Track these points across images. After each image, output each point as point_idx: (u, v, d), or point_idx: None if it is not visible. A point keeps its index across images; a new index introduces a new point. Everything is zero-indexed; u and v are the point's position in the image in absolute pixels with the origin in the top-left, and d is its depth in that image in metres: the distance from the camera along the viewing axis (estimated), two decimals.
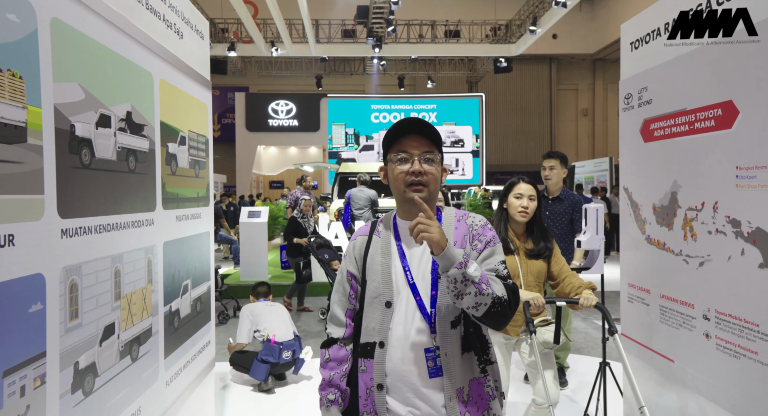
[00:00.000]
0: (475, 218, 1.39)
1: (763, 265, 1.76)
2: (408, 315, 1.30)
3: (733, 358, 1.90)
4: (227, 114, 22.31)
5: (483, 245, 1.34)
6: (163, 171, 1.93)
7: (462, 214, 1.41)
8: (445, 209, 1.44)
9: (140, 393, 1.68)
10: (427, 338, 1.28)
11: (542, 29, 14.19)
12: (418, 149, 1.31)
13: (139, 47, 1.71)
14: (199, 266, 2.37)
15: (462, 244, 1.34)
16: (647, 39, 2.49)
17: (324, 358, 1.39)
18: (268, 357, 3.58)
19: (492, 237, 1.36)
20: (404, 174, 1.30)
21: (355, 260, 1.41)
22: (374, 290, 1.33)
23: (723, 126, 1.94)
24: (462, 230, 1.36)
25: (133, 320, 1.64)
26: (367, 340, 1.33)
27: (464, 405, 1.27)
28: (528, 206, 2.33)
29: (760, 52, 1.73)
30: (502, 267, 1.32)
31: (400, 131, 1.33)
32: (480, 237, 1.35)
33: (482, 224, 1.38)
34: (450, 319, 1.29)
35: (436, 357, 1.27)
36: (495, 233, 1.37)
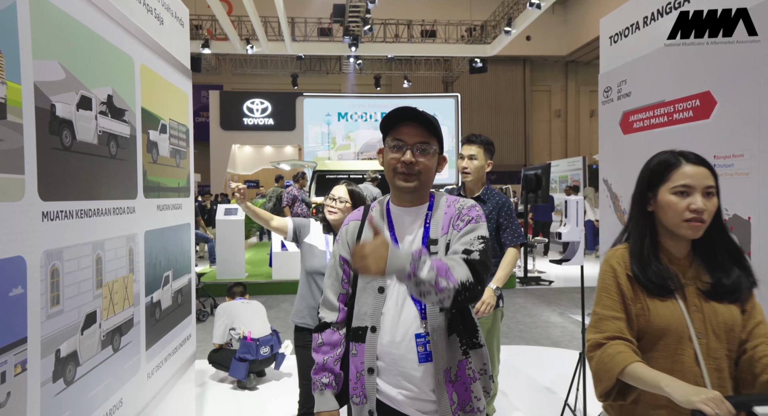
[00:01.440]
0: (465, 202, 1.40)
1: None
2: (399, 301, 1.31)
3: None
4: (201, 112, 21.88)
5: (464, 224, 1.34)
6: (145, 159, 1.88)
7: (454, 199, 1.41)
8: (437, 195, 1.44)
9: (122, 384, 1.63)
10: (418, 323, 1.29)
11: (517, 30, 14.40)
12: (412, 139, 1.31)
13: (119, 30, 1.66)
14: (180, 258, 2.31)
15: (446, 228, 1.35)
16: (626, 33, 2.55)
17: (317, 342, 1.39)
18: (246, 354, 3.53)
19: (476, 216, 1.35)
20: (395, 162, 1.31)
21: (347, 244, 1.40)
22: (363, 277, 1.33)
23: (701, 116, 2.00)
24: (450, 213, 1.37)
25: (114, 309, 1.58)
26: (359, 324, 1.33)
27: (451, 384, 1.29)
28: (704, 209, 1.22)
29: (745, 37, 1.79)
30: (477, 242, 1.28)
31: (400, 117, 1.32)
32: (463, 217, 1.35)
33: (469, 206, 1.38)
34: None
35: (426, 343, 1.28)
36: (482, 214, 1.37)
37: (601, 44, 2.76)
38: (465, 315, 1.35)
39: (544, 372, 3.92)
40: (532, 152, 24.48)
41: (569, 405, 3.02)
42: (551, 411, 3.22)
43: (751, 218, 1.77)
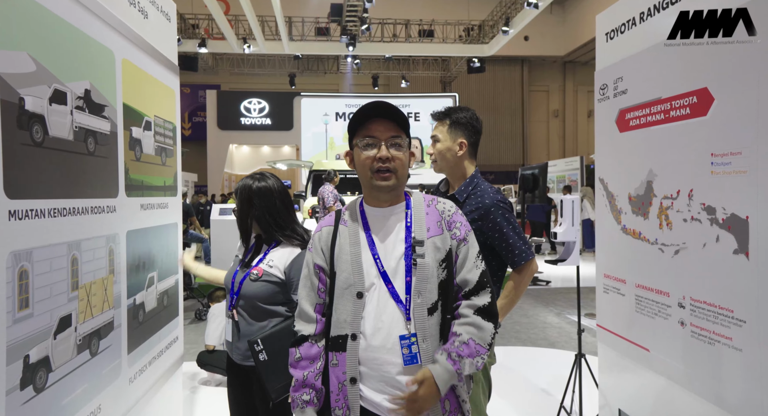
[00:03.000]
0: (445, 204, 1.38)
1: (737, 251, 1.77)
2: (380, 305, 1.26)
3: (708, 345, 1.91)
4: (198, 112, 21.83)
5: (462, 234, 1.33)
6: (127, 156, 1.83)
7: (431, 199, 1.38)
8: (414, 194, 1.40)
9: (100, 389, 1.58)
10: (402, 325, 1.25)
11: (514, 30, 14.37)
12: (384, 134, 1.27)
13: (98, 22, 1.61)
14: (166, 258, 2.26)
15: (436, 230, 1.31)
16: (622, 29, 2.50)
17: (294, 357, 1.32)
18: None
19: (465, 224, 1.36)
20: (371, 160, 1.27)
21: (321, 251, 1.35)
22: (344, 281, 1.28)
23: (698, 113, 1.95)
24: (433, 216, 1.34)
25: (92, 312, 1.53)
26: (339, 333, 1.28)
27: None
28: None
29: (740, 31, 1.74)
30: (481, 265, 1.32)
31: (366, 115, 1.28)
32: (456, 225, 1.34)
33: (454, 211, 1.37)
34: (427, 306, 1.27)
35: (411, 344, 1.24)
36: (464, 218, 1.37)
37: (597, 41, 2.71)
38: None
39: (540, 373, 3.88)
40: (530, 152, 24.47)
41: (564, 408, 2.97)
42: (546, 412, 3.17)
43: (749, 217, 1.71)
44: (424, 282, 1.26)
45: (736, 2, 1.67)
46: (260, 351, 1.62)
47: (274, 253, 1.81)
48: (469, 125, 1.92)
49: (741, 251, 1.76)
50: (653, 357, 2.26)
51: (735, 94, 1.77)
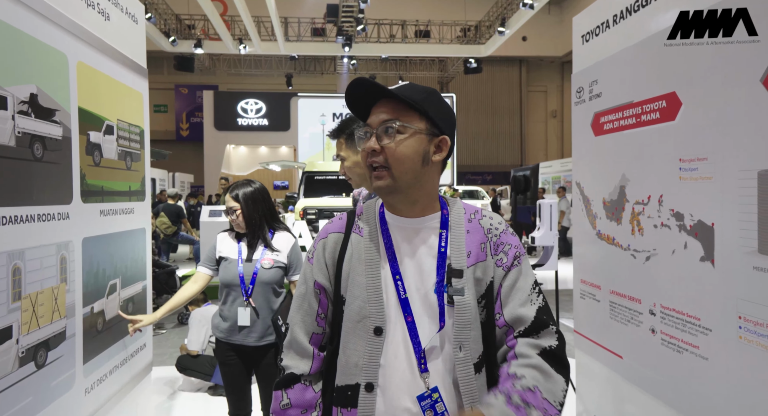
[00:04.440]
0: (493, 219, 1.06)
1: (704, 258, 1.74)
2: (401, 346, 0.97)
3: (677, 353, 1.88)
4: (195, 113, 21.82)
5: (510, 260, 1.02)
6: (83, 161, 1.79)
7: (473, 211, 1.08)
8: (454, 204, 1.08)
9: (48, 402, 1.54)
10: (417, 379, 0.95)
11: (510, 31, 14.34)
12: (376, 119, 1.00)
13: (48, 25, 1.58)
14: (132, 264, 2.22)
15: (479, 255, 1.01)
16: (597, 31, 2.46)
17: (281, 403, 1.00)
18: None
19: (517, 247, 1.04)
20: (364, 154, 1.01)
21: (326, 266, 1.05)
22: (357, 311, 0.98)
23: (667, 118, 1.92)
24: (477, 235, 1.03)
25: (39, 322, 1.49)
26: (347, 382, 0.97)
27: None
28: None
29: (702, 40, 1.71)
30: (538, 300, 1.01)
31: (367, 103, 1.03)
32: (504, 248, 1.03)
33: (504, 229, 1.06)
34: (473, 360, 0.97)
35: (434, 404, 0.94)
36: (517, 240, 1.07)
37: (574, 43, 2.67)
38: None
39: None
40: (528, 152, 24.44)
41: None
42: None
43: (714, 224, 1.68)
44: (466, 328, 0.97)
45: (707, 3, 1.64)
46: (281, 325, 2.03)
47: (276, 242, 2.25)
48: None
49: (707, 259, 1.72)
50: (627, 365, 2.22)
51: (702, 99, 1.74)
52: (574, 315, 2.70)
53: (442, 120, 1.03)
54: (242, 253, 2.23)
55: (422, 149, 0.99)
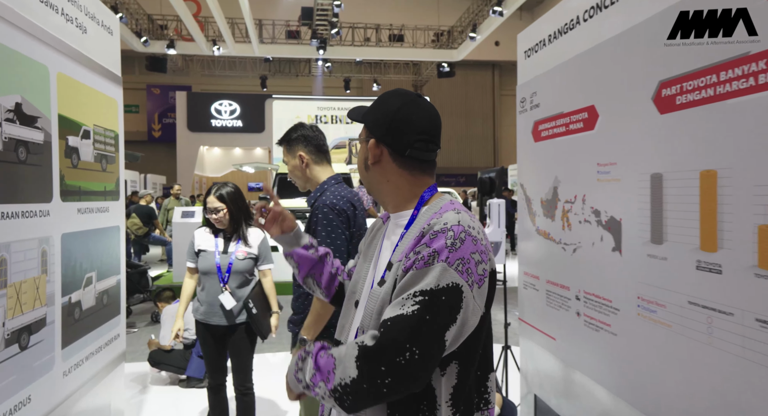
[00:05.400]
0: (441, 218, 0.98)
1: (614, 248, 2.01)
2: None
3: (595, 332, 2.15)
4: (168, 113, 21.61)
5: (411, 262, 0.95)
6: (62, 164, 1.96)
7: (443, 211, 1.02)
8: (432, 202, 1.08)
9: (30, 381, 1.71)
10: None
11: (482, 36, 14.73)
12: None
13: (31, 40, 1.74)
14: (107, 259, 2.38)
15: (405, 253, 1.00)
16: (536, 48, 2.73)
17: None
18: None
19: (431, 254, 0.93)
20: None
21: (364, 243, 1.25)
22: (353, 284, 1.18)
23: (588, 128, 2.19)
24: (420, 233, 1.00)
25: (22, 309, 1.66)
26: (337, 337, 1.16)
27: None
28: None
29: (616, 59, 1.98)
30: (410, 308, 0.89)
31: None
32: (420, 248, 0.96)
33: (438, 229, 0.96)
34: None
35: None
36: (447, 246, 0.93)
37: (518, 58, 2.94)
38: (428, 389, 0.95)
39: None
40: (501, 155, 24.95)
41: None
42: None
43: (622, 219, 1.95)
44: (368, 316, 1.01)
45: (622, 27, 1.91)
46: (252, 308, 2.48)
47: (250, 237, 2.60)
48: (301, 138, 2.02)
49: (616, 249, 1.99)
50: (559, 345, 2.49)
51: (615, 112, 2.01)
52: (519, 304, 2.97)
53: (376, 125, 1.09)
54: (219, 246, 2.56)
55: (363, 156, 1.12)
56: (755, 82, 1.36)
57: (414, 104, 1.09)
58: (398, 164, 1.08)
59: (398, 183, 1.09)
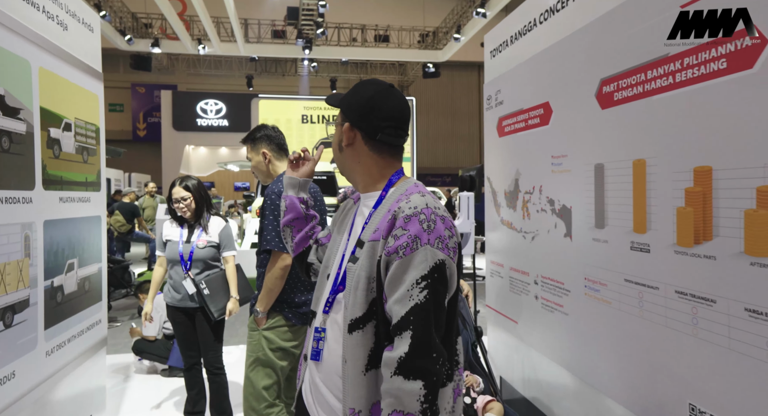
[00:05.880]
0: (409, 202, 1.06)
1: (566, 234, 2.17)
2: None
3: (550, 313, 2.30)
4: (153, 112, 21.49)
5: (394, 248, 1.02)
6: (44, 154, 2.06)
7: (408, 194, 1.11)
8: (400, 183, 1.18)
9: (15, 357, 1.81)
10: (321, 316, 1.18)
11: (466, 37, 14.92)
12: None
13: (13, 36, 1.84)
14: (88, 248, 2.48)
15: (379, 234, 1.07)
16: (501, 49, 2.89)
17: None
18: None
19: (411, 238, 1.01)
20: None
21: (335, 220, 1.36)
22: (326, 259, 1.27)
23: (544, 123, 2.35)
24: (389, 214, 1.08)
25: (6, 289, 1.76)
26: (313, 308, 1.26)
27: None
28: None
29: (566, 59, 2.14)
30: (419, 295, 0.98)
31: None
32: (396, 233, 1.03)
33: (409, 213, 1.04)
34: (348, 320, 1.07)
35: (319, 339, 1.16)
36: (424, 229, 1.02)
37: (485, 58, 3.10)
38: None
39: None
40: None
41: None
42: None
43: (572, 207, 2.11)
44: (348, 292, 1.09)
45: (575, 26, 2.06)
46: (204, 288, 2.66)
47: (211, 227, 2.78)
48: (264, 137, 2.23)
49: (568, 235, 2.15)
50: (520, 328, 2.65)
51: (566, 108, 2.17)
52: (486, 291, 3.12)
53: (351, 110, 1.17)
54: (183, 236, 2.76)
55: (338, 138, 1.20)
56: (673, 80, 1.52)
57: (387, 93, 1.17)
58: (369, 147, 1.17)
59: (369, 165, 1.18)
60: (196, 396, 2.79)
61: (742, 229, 1.34)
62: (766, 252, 1.27)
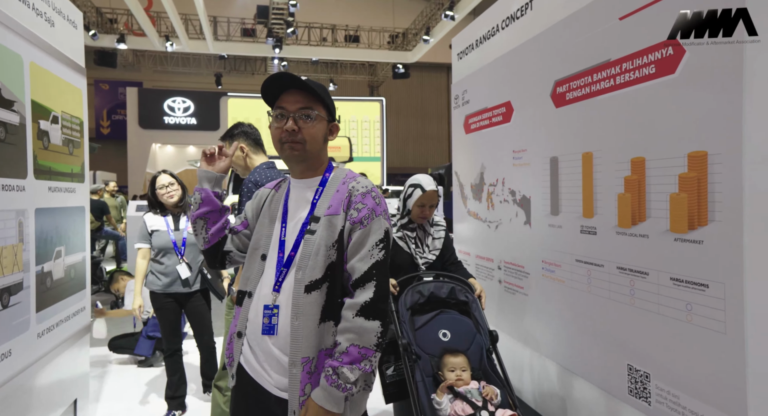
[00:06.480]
0: (359, 183, 1.29)
1: (526, 222, 2.40)
2: (273, 270, 1.30)
3: (511, 295, 2.53)
4: (118, 110, 20.99)
5: (359, 218, 1.24)
6: (35, 145, 2.14)
7: (351, 177, 1.32)
8: (337, 169, 1.38)
9: (10, 337, 1.90)
10: (270, 294, 1.27)
11: (435, 39, 15.23)
12: (293, 106, 1.26)
13: (6, 31, 1.93)
14: (73, 236, 2.56)
15: (336, 209, 1.25)
16: (467, 51, 3.11)
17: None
18: (155, 332, 3.78)
19: (371, 209, 1.25)
20: (279, 131, 1.27)
21: (252, 208, 1.45)
22: (255, 241, 1.35)
23: (506, 120, 2.57)
24: (342, 193, 1.28)
25: (3, 271, 1.85)
26: (242, 288, 1.34)
27: (309, 375, 1.20)
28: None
29: (525, 62, 2.36)
30: (378, 254, 1.23)
31: (281, 87, 1.28)
32: (357, 206, 1.25)
33: (364, 191, 1.27)
34: (305, 282, 1.22)
35: (271, 315, 1.25)
36: (376, 203, 1.27)
37: (453, 59, 3.31)
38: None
39: None
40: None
41: None
42: None
43: (531, 197, 2.34)
44: (306, 258, 1.23)
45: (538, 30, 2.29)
46: (207, 273, 2.81)
47: None
48: (242, 133, 2.38)
49: (527, 222, 2.38)
50: (487, 313, 2.86)
51: (526, 107, 2.40)
52: None
53: (332, 111, 1.35)
54: (170, 225, 2.88)
55: (324, 131, 1.32)
56: (614, 82, 1.76)
57: None
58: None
59: (326, 153, 1.39)
60: (178, 381, 2.90)
61: (668, 210, 1.58)
62: (685, 229, 1.51)
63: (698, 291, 1.48)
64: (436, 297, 2.01)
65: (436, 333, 1.93)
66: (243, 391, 1.31)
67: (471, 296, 2.05)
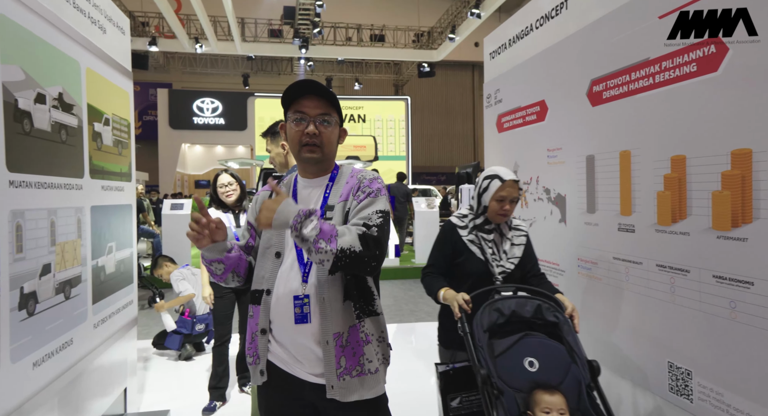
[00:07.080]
0: (367, 173, 1.43)
1: (561, 220, 2.41)
2: (291, 266, 1.37)
3: None
4: (149, 111, 21.58)
5: (365, 196, 1.35)
6: (90, 146, 2.27)
7: (358, 170, 1.45)
8: (344, 167, 1.48)
9: (72, 326, 2.02)
10: (299, 286, 1.34)
11: (460, 37, 15.17)
12: (314, 111, 1.35)
13: (67, 39, 2.05)
14: (122, 233, 2.69)
15: (347, 196, 1.38)
16: (500, 51, 3.13)
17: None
18: (182, 329, 3.94)
19: (377, 189, 1.37)
20: (299, 134, 1.36)
21: (255, 211, 1.50)
22: (266, 241, 1.41)
23: (540, 119, 2.59)
24: (351, 184, 1.40)
25: (66, 265, 1.97)
26: (257, 288, 1.39)
27: (342, 349, 1.30)
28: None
29: (560, 61, 2.38)
30: (375, 216, 1.31)
31: (298, 91, 1.36)
32: (364, 189, 1.37)
33: (371, 179, 1.40)
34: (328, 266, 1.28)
35: (303, 305, 1.32)
36: (382, 187, 1.39)
37: (485, 59, 3.34)
38: (360, 283, 1.37)
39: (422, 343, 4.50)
40: (481, 153, 25.47)
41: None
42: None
43: (566, 195, 2.35)
44: None
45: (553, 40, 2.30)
46: None
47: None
48: (273, 131, 2.46)
49: (562, 220, 2.40)
50: None
51: (560, 106, 2.41)
52: None
53: (341, 116, 1.44)
54: (231, 221, 3.04)
55: (337, 135, 1.43)
56: (653, 80, 1.77)
57: None
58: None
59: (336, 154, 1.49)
60: (222, 373, 3.01)
61: (710, 208, 1.58)
62: (728, 227, 1.52)
63: (743, 289, 1.48)
64: (518, 317, 1.70)
65: (521, 362, 1.62)
66: (275, 384, 1.37)
67: (561, 316, 1.72)
